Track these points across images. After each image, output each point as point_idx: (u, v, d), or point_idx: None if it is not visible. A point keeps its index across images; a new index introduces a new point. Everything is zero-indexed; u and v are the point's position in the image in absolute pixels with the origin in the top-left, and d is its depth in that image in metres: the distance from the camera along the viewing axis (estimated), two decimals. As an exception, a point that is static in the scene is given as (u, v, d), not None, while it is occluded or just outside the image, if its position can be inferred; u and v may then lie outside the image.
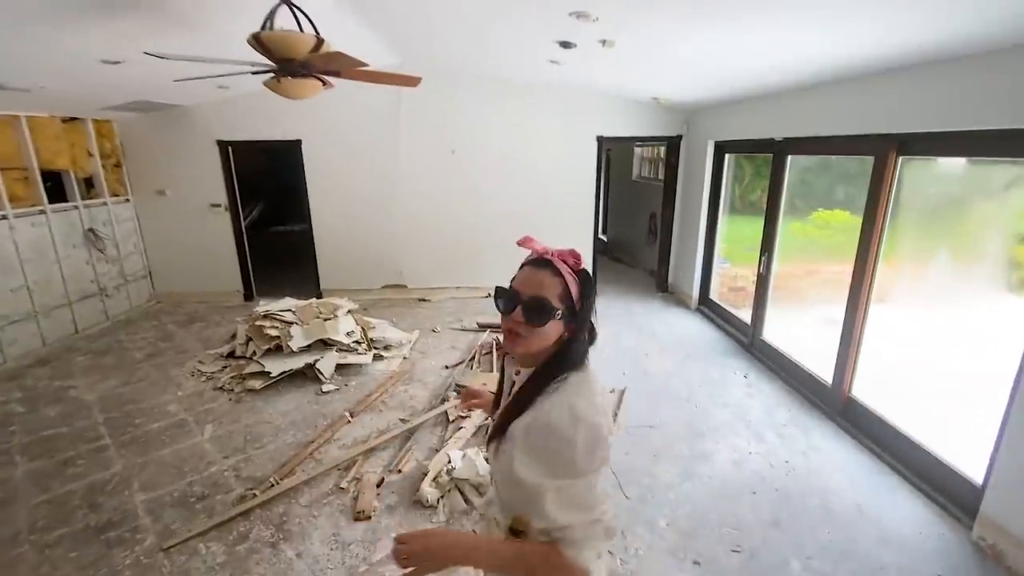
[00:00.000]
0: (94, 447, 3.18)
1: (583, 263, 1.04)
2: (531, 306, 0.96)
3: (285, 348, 4.01)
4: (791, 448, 3.09)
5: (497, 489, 1.08)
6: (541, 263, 1.01)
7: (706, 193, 5.43)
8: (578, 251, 1.05)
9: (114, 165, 5.63)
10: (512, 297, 0.99)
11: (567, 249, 1.04)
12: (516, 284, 1.01)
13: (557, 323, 0.98)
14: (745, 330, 4.65)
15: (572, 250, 1.04)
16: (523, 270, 1.02)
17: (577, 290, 1.00)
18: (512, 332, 0.99)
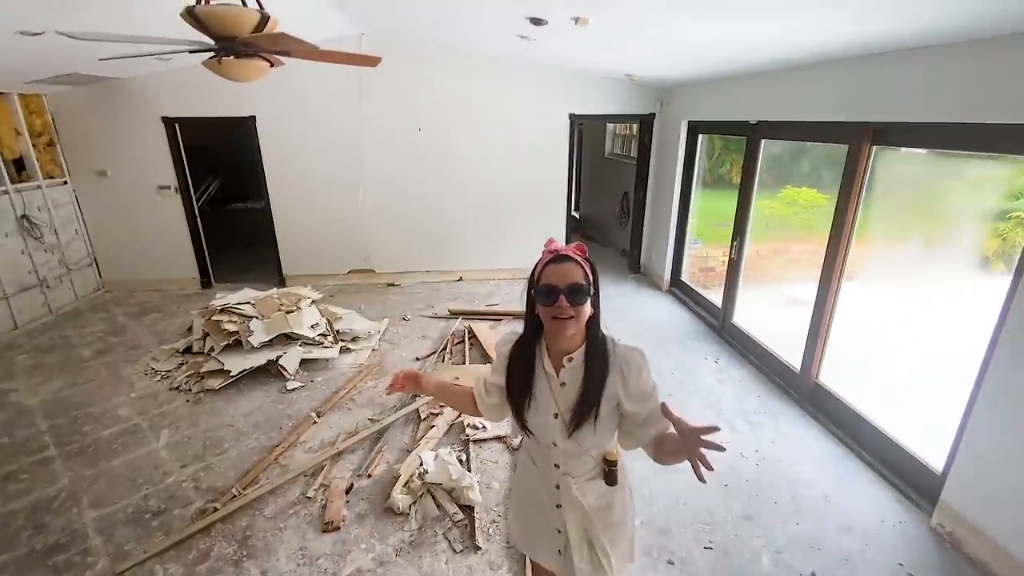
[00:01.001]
0: (38, 459, 2.97)
1: (586, 251, 1.26)
2: (572, 291, 1.17)
3: (245, 344, 3.81)
4: (761, 436, 3.13)
5: (582, 447, 1.29)
6: (561, 258, 1.21)
7: (679, 173, 5.36)
8: (584, 245, 1.27)
9: (46, 144, 5.16)
10: (551, 290, 1.18)
11: (573, 244, 1.25)
12: (548, 280, 1.19)
13: (587, 302, 1.20)
14: (716, 313, 4.68)
15: (579, 244, 1.26)
16: (549, 268, 1.21)
17: (593, 274, 1.23)
18: (559, 318, 1.19)
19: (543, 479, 1.39)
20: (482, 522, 2.45)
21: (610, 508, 1.37)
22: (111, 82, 5.07)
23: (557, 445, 1.30)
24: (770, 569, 2.22)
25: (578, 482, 1.33)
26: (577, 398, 1.24)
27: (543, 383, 1.29)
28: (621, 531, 1.41)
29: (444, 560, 2.27)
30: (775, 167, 5.72)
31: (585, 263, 1.22)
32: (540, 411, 1.29)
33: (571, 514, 1.35)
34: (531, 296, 1.26)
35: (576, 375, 1.26)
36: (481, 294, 5.67)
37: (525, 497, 1.50)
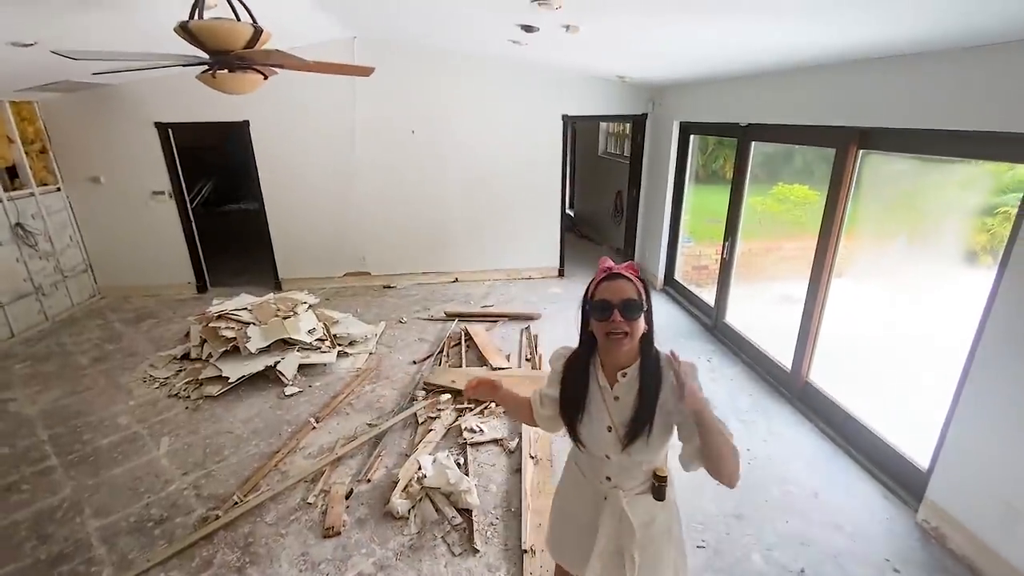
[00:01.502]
0: (39, 469, 3.00)
1: (639, 271, 1.31)
2: (626, 307, 1.23)
3: (243, 350, 3.84)
4: (753, 435, 3.19)
5: (634, 460, 1.32)
6: (614, 276, 1.27)
7: (671, 173, 5.41)
8: (635, 264, 1.32)
9: (39, 151, 5.15)
10: (605, 305, 1.24)
11: (625, 263, 1.31)
12: (602, 296, 1.25)
13: (642, 319, 1.25)
14: (709, 312, 4.74)
15: (629, 263, 1.31)
16: (603, 285, 1.27)
17: (645, 291, 1.27)
18: (614, 334, 1.24)
19: (592, 491, 1.42)
20: (480, 525, 2.50)
21: (652, 523, 1.39)
22: (103, 88, 5.06)
23: (610, 458, 1.33)
24: (761, 567, 2.29)
25: (628, 496, 1.36)
26: (632, 412, 1.28)
27: (597, 397, 1.33)
28: (663, 547, 1.42)
29: (443, 563, 2.32)
30: (768, 163, 5.77)
31: (638, 281, 1.27)
32: (593, 424, 1.33)
33: (608, 525, 1.38)
34: (585, 312, 1.32)
35: (630, 389, 1.30)
36: (477, 295, 5.71)
37: (569, 506, 1.54)
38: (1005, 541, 2.11)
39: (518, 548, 2.36)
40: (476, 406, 3.45)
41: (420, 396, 3.60)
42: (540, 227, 6.12)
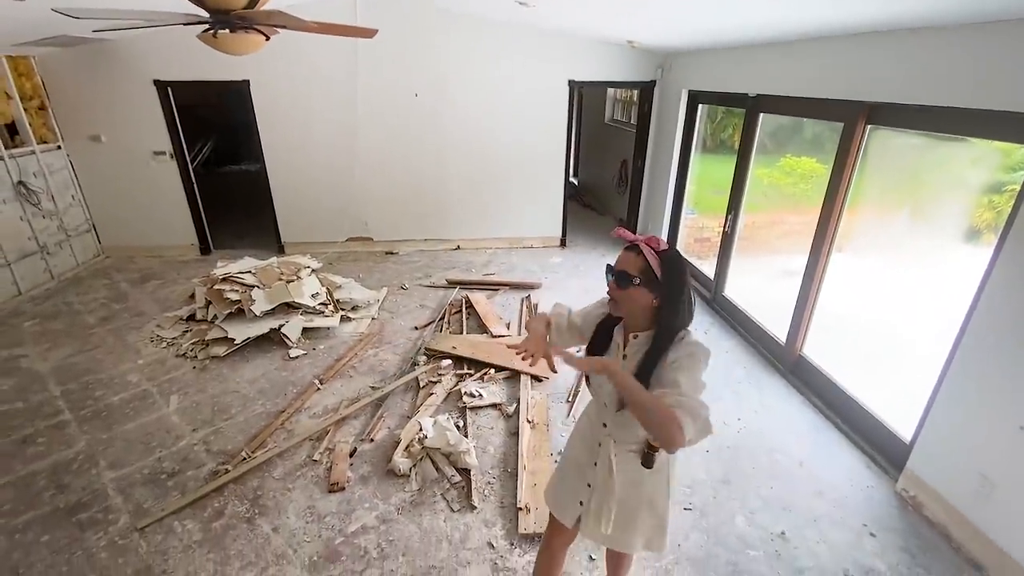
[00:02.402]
0: (54, 423, 3.11)
1: (663, 245, 1.35)
2: (618, 277, 1.35)
3: (248, 312, 3.91)
4: (744, 406, 3.28)
5: (627, 419, 1.39)
6: (630, 247, 1.36)
7: (677, 142, 5.34)
8: (659, 237, 1.37)
9: (38, 108, 5.08)
10: (610, 271, 1.39)
11: (650, 236, 1.36)
12: (614, 263, 1.38)
13: (638, 289, 1.33)
14: (708, 285, 4.77)
15: (653, 236, 1.36)
16: (619, 254, 1.39)
17: (656, 265, 1.31)
18: (609, 296, 1.40)
19: (591, 433, 1.56)
20: (478, 484, 2.61)
21: (638, 487, 1.48)
22: (101, 44, 4.95)
23: (607, 407, 1.45)
24: (744, 529, 2.40)
25: (619, 449, 1.47)
26: (635, 373, 1.34)
27: (613, 350, 1.47)
28: (640, 513, 1.50)
29: (443, 518, 2.44)
30: (777, 134, 5.68)
31: (652, 257, 1.30)
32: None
33: (600, 471, 1.50)
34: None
35: (638, 353, 1.38)
36: (478, 263, 5.74)
37: (572, 449, 1.67)
38: (978, 510, 2.21)
39: (513, 506, 2.48)
40: (476, 371, 3.54)
41: (422, 361, 3.69)
42: (543, 196, 6.08)
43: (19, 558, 2.25)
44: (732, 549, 2.30)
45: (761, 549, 2.30)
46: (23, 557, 2.25)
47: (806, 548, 2.30)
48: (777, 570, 2.20)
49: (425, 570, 2.18)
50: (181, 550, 2.28)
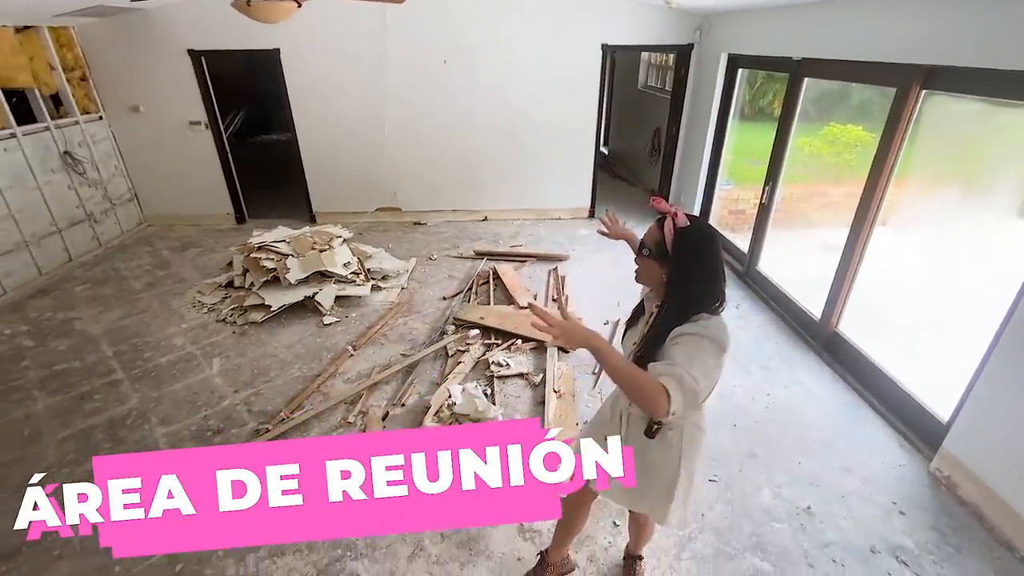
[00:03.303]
0: (108, 381, 3.32)
1: (684, 222, 1.32)
2: (639, 245, 1.42)
3: (283, 280, 4.03)
4: (774, 382, 3.24)
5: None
6: (661, 220, 1.36)
7: (715, 109, 5.14)
8: (689, 213, 1.35)
9: (80, 79, 5.22)
10: (640, 242, 1.44)
11: (680, 211, 1.34)
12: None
13: (649, 261, 1.38)
14: (742, 258, 4.66)
15: (682, 212, 1.35)
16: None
17: (670, 240, 1.32)
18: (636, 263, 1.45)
19: (616, 398, 1.65)
20: (505, 450, 2.68)
21: (642, 454, 1.48)
22: (136, 14, 5.02)
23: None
24: (769, 502, 2.42)
25: (633, 411, 1.54)
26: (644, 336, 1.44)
27: (645, 316, 1.53)
28: (652, 480, 1.53)
29: (471, 481, 2.53)
30: (820, 100, 5.40)
31: (669, 231, 1.32)
32: (630, 337, 1.56)
33: (619, 424, 1.58)
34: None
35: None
36: (506, 234, 5.73)
37: (598, 412, 1.76)
38: (1015, 490, 2.16)
39: (540, 472, 2.54)
40: (503, 341, 3.59)
41: (450, 330, 3.75)
42: (572, 165, 5.98)
43: (84, 503, 2.44)
44: (756, 521, 2.32)
45: (786, 522, 2.31)
46: (87, 502, 2.44)
47: (832, 523, 2.31)
48: (802, 542, 2.22)
49: (454, 528, 2.28)
50: (228, 501, 2.43)
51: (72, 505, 1.09)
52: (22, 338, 3.80)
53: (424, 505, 1.11)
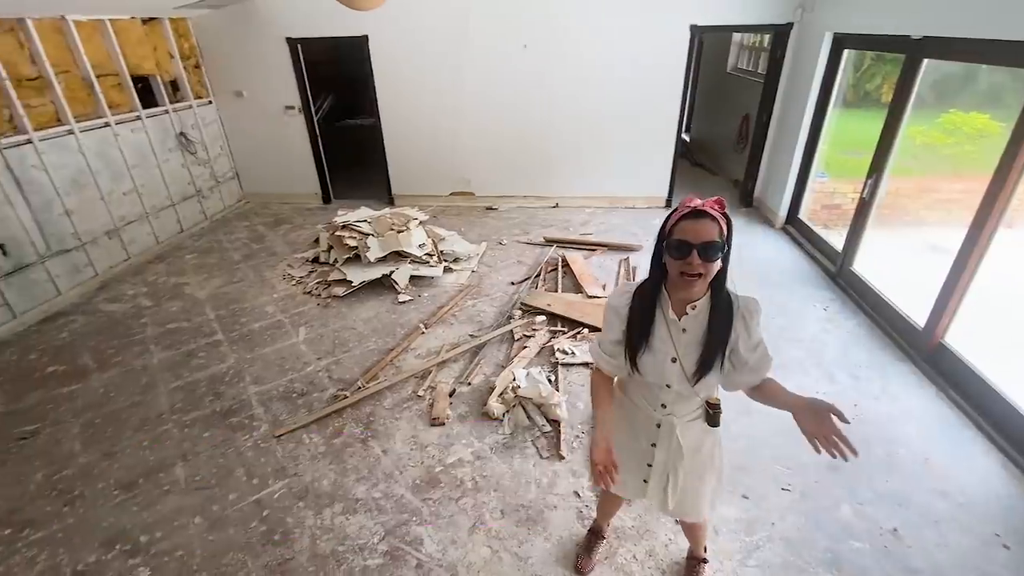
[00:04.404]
0: (210, 341, 3.68)
1: (726, 208, 1.27)
2: (705, 249, 1.21)
3: (363, 258, 4.26)
4: (864, 392, 3.00)
5: (695, 390, 1.39)
6: (698, 214, 1.23)
7: (813, 95, 4.74)
8: (722, 198, 1.28)
9: (194, 66, 5.74)
10: (683, 246, 1.22)
11: (713, 199, 1.27)
12: (682, 236, 1.22)
13: (718, 259, 1.24)
14: (834, 257, 4.32)
15: (718, 199, 1.27)
16: (685, 222, 1.23)
17: (728, 229, 1.25)
18: (688, 275, 1.24)
19: (645, 417, 1.51)
20: (567, 436, 2.70)
21: (700, 450, 1.53)
22: (243, 4, 5.42)
23: (671, 387, 1.39)
24: (848, 518, 2.26)
25: (681, 422, 1.47)
26: (701, 347, 1.32)
27: (663, 329, 1.35)
28: (707, 473, 1.56)
29: (532, 463, 2.57)
30: (940, 84, 4.84)
31: (722, 218, 1.24)
32: (657, 355, 1.36)
33: (664, 453, 1.52)
34: (659, 246, 1.30)
35: (698, 322, 1.32)
36: (576, 222, 5.67)
37: (619, 433, 1.55)
38: None
39: (601, 462, 2.53)
40: (569, 329, 3.58)
41: (517, 315, 3.80)
42: (651, 153, 5.78)
43: (188, 447, 2.75)
44: (833, 537, 2.18)
45: (867, 542, 2.15)
46: (191, 447, 2.75)
47: (921, 549, 2.12)
48: (884, 566, 2.06)
49: (515, 507, 2.33)
50: (308, 459, 2.65)
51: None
52: (142, 298, 4.30)
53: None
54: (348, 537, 2.22)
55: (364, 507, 2.36)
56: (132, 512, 2.37)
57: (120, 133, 4.75)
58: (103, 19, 4.55)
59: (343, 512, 2.34)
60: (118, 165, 4.75)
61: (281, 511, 2.35)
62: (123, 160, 4.79)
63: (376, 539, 2.21)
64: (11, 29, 3.87)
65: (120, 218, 4.78)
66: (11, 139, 3.83)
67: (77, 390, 3.20)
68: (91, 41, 4.48)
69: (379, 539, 2.21)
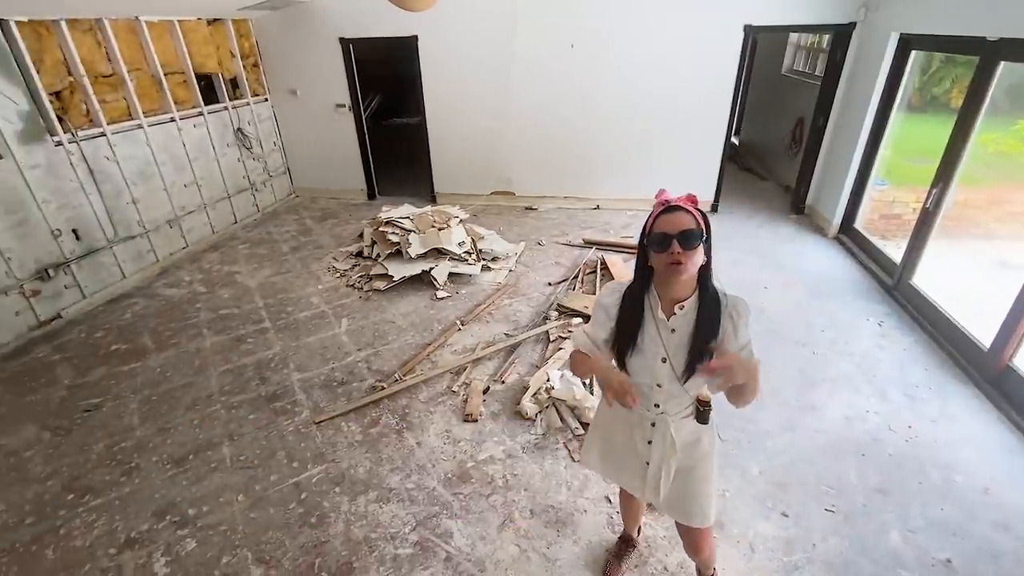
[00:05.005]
0: (258, 328, 3.85)
1: (697, 203, 1.31)
2: (684, 236, 1.23)
3: (404, 254, 4.34)
4: (919, 413, 2.83)
5: (685, 389, 1.40)
6: (672, 208, 1.28)
7: (875, 98, 4.50)
8: (694, 195, 1.33)
9: (252, 65, 6.01)
10: (664, 238, 1.25)
11: (684, 195, 1.32)
12: (660, 229, 1.26)
13: (699, 248, 1.25)
14: (891, 269, 4.09)
15: (690, 195, 1.33)
16: (661, 218, 1.28)
17: (704, 221, 1.28)
18: (673, 263, 1.25)
19: (638, 417, 1.52)
20: (600, 441, 2.67)
21: (698, 443, 1.52)
22: (300, 5, 5.63)
23: (662, 386, 1.42)
24: (897, 545, 2.13)
25: (674, 420, 1.47)
26: (689, 346, 1.33)
27: (652, 329, 1.38)
28: (709, 469, 1.55)
29: (563, 465, 2.56)
30: (1017, 88, 4.51)
31: (696, 212, 1.28)
32: (646, 356, 1.39)
33: (659, 450, 1.51)
34: (643, 247, 1.35)
35: (687, 321, 1.34)
36: (617, 224, 5.60)
37: (612, 431, 1.63)
38: None
39: (634, 468, 2.49)
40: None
41: (553, 316, 3.79)
42: (697, 155, 5.63)
43: (234, 428, 2.88)
44: (879, 564, 2.06)
45: (917, 572, 2.03)
46: (236, 428, 2.88)
47: (979, 584, 1.98)
48: (935, 599, 1.94)
49: (544, 507, 2.33)
50: (345, 446, 2.73)
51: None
52: (197, 284, 4.54)
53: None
54: (380, 525, 2.28)
55: (397, 497, 2.41)
56: (182, 486, 2.51)
57: (183, 128, 5.02)
58: (173, 20, 4.82)
59: (377, 500, 2.39)
60: (180, 158, 5.03)
61: (318, 495, 2.43)
62: (185, 153, 5.07)
63: (407, 529, 2.25)
64: (90, 29, 4.16)
65: (181, 208, 5.06)
66: (87, 131, 4.12)
67: (136, 368, 3.41)
68: (161, 41, 4.76)
69: (410, 529, 2.25)
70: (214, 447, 2.74)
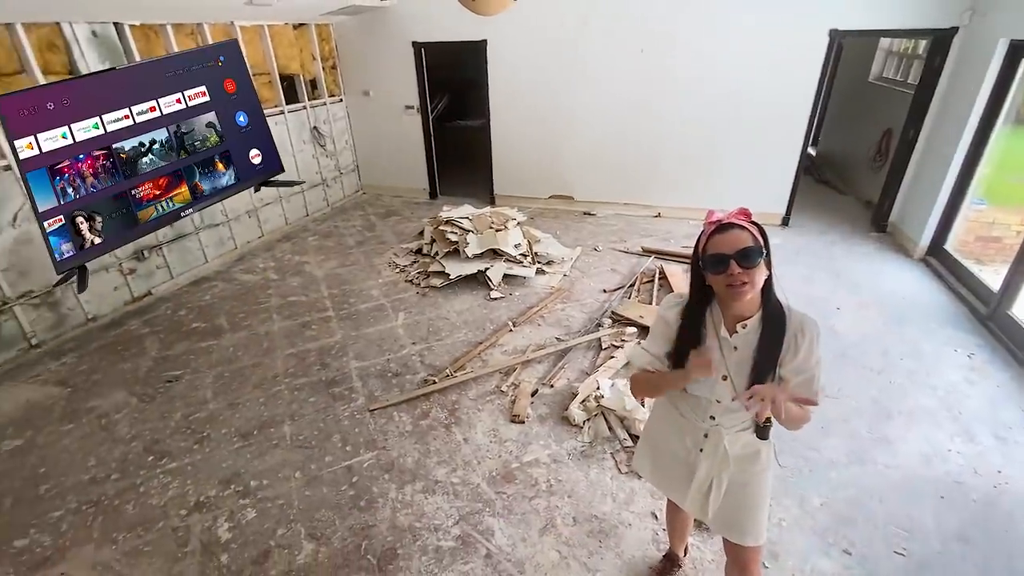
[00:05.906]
0: (322, 316, 4.05)
1: (752, 216, 1.26)
2: (742, 255, 1.19)
3: (462, 253, 4.43)
4: (1011, 457, 2.55)
5: (742, 406, 1.34)
6: (725, 227, 1.23)
7: (978, 109, 4.11)
8: (747, 209, 1.27)
9: (331, 67, 6.34)
10: (720, 259, 1.21)
11: (736, 209, 1.27)
12: (716, 250, 1.22)
13: (762, 265, 1.21)
14: (987, 297, 3.72)
15: (743, 209, 1.26)
16: (715, 238, 1.23)
17: (762, 235, 1.23)
18: (734, 285, 1.20)
19: (692, 428, 1.48)
20: (649, 454, 2.60)
21: (755, 458, 1.45)
22: (377, 10, 5.89)
23: (720, 402, 1.38)
24: (980, 601, 1.93)
25: (729, 433, 1.42)
26: (752, 364, 1.29)
27: (713, 346, 1.33)
28: (763, 480, 1.47)
29: (609, 476, 2.51)
30: None
31: (752, 227, 1.23)
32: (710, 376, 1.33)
33: (709, 460, 1.46)
34: (697, 266, 1.29)
35: (750, 340, 1.29)
36: (679, 234, 5.44)
37: (664, 441, 1.59)
38: None
39: (684, 486, 2.41)
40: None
41: (606, 324, 3.73)
42: (770, 165, 5.37)
43: (295, 408, 3.04)
44: (956, 618, 1.88)
45: (1001, 633, 1.83)
46: (297, 409, 3.04)
47: (1078, 657, 1.75)
48: (1023, 666, 1.74)
49: (588, 516, 2.30)
50: (396, 435, 2.81)
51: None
52: (270, 272, 4.84)
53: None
54: (425, 515, 2.33)
55: (442, 489, 2.46)
56: (246, 459, 2.68)
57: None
58: (263, 24, 5.18)
59: (423, 491, 2.45)
60: (262, 153, 5.37)
61: (368, 480, 2.52)
62: (267, 149, 5.41)
63: (451, 522, 2.29)
64: (191, 32, 4.54)
65: (259, 199, 5.41)
66: (185, 127, 4.49)
67: (213, 345, 3.68)
68: (252, 44, 5.12)
69: (453, 523, 2.29)
70: (276, 425, 2.91)
